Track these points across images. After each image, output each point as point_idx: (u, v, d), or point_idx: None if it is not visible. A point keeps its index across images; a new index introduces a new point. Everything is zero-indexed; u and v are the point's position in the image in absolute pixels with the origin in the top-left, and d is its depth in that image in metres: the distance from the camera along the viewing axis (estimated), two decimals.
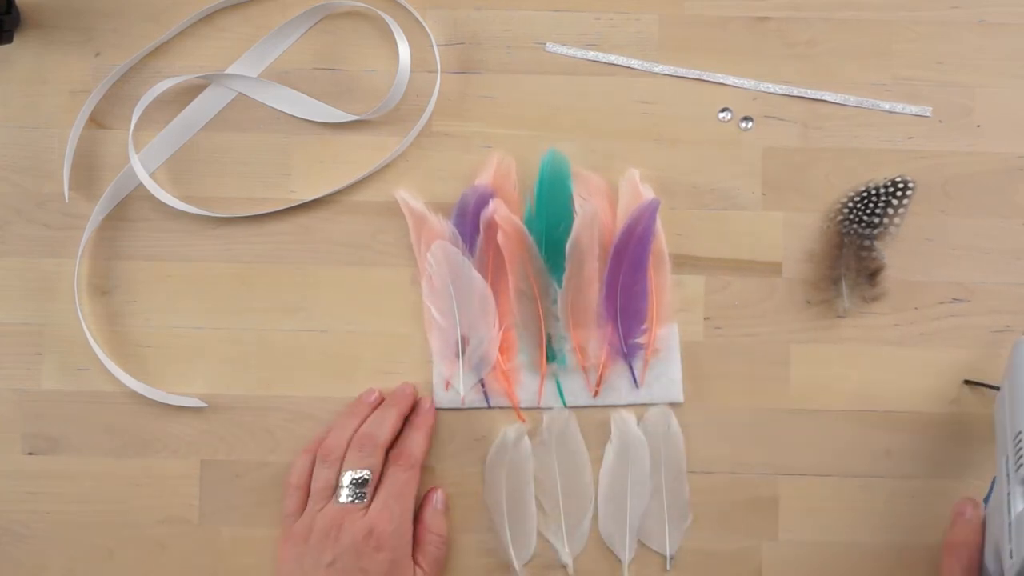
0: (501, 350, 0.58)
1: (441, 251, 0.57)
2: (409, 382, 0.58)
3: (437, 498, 0.56)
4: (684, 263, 0.58)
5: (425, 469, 0.57)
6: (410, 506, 0.55)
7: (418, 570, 0.54)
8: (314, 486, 0.55)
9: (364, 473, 0.54)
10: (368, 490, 0.54)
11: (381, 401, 0.57)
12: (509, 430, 0.57)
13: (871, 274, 0.58)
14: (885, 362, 0.58)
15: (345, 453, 0.55)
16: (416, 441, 0.56)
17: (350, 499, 0.54)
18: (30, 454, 0.58)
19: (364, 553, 0.52)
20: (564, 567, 0.57)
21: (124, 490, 0.58)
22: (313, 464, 0.56)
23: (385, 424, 0.55)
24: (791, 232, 0.59)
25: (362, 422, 0.56)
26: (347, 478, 0.54)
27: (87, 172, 0.59)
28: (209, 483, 0.58)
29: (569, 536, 0.57)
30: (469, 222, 0.58)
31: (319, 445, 0.56)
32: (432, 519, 0.56)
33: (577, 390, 0.58)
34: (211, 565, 0.58)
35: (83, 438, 0.58)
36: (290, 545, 0.54)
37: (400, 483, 0.54)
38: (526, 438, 0.57)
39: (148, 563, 0.58)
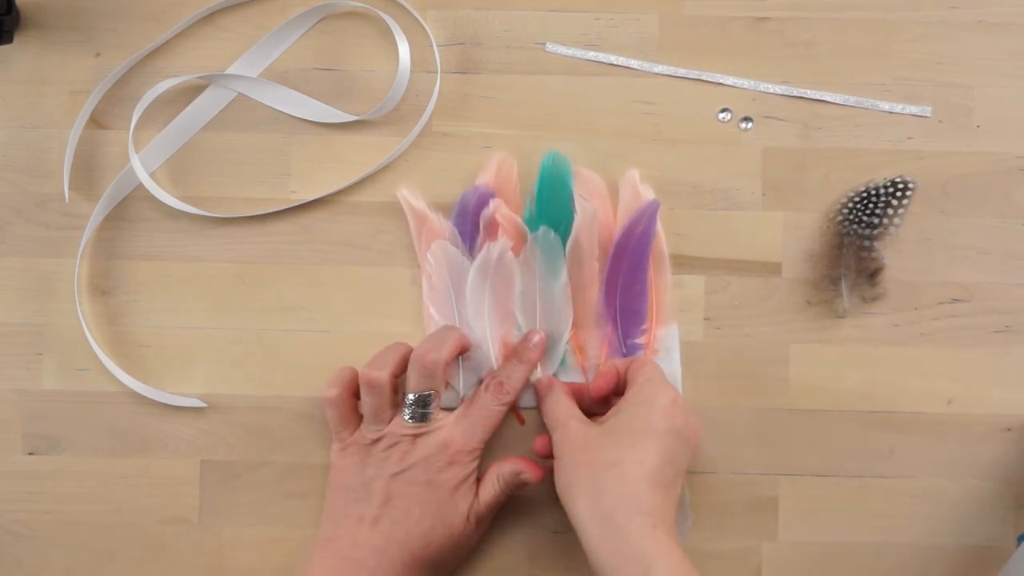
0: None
1: (441, 251, 0.57)
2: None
3: (514, 470, 0.54)
4: (684, 263, 0.58)
5: None
6: (488, 436, 0.55)
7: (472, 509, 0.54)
8: (366, 411, 0.54)
9: (428, 393, 0.54)
10: (432, 410, 0.54)
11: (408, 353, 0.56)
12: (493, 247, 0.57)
13: (871, 274, 0.58)
14: (885, 362, 0.58)
15: (391, 379, 0.54)
16: (517, 372, 0.56)
17: (412, 419, 0.54)
18: (30, 454, 0.58)
19: (434, 465, 0.53)
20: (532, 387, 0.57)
21: (124, 490, 0.58)
22: (354, 379, 0.55)
23: (444, 346, 0.54)
24: (791, 232, 0.59)
25: (403, 353, 0.55)
26: (411, 398, 0.54)
27: (87, 172, 0.59)
28: (209, 483, 0.58)
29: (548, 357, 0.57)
30: (469, 222, 0.58)
31: (348, 372, 0.55)
32: (490, 482, 0.54)
33: None
34: (211, 565, 0.58)
35: (83, 438, 0.58)
36: (349, 455, 0.54)
37: (488, 411, 0.55)
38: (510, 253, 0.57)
39: (148, 563, 0.58)
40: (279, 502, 0.58)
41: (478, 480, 0.55)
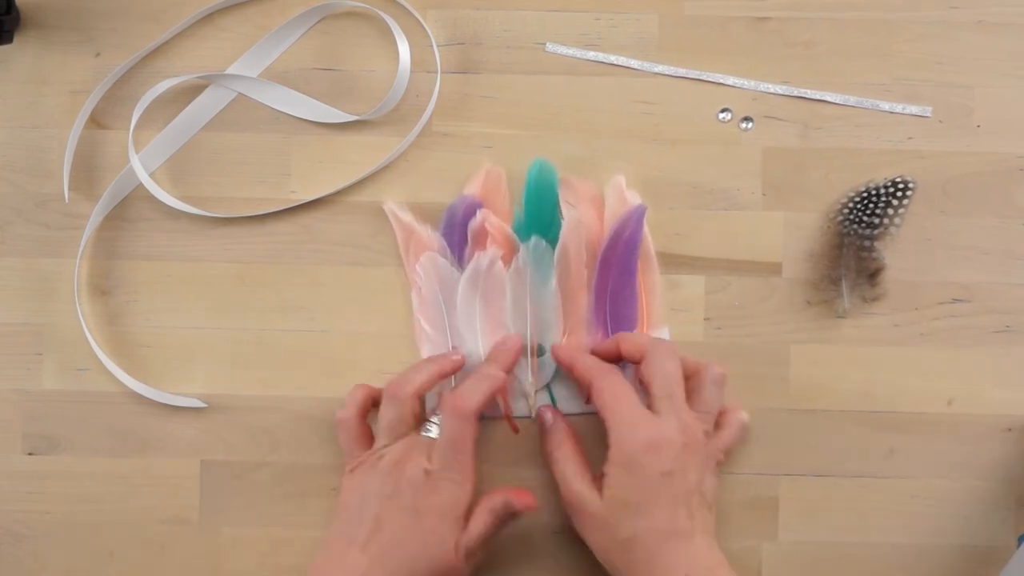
0: None
1: (430, 263, 0.57)
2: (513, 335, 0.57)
3: (505, 500, 0.53)
4: (684, 263, 0.58)
5: None
6: (463, 458, 0.52)
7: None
8: (380, 423, 0.54)
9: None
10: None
11: (462, 362, 0.56)
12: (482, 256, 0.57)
13: (871, 274, 0.58)
14: (885, 362, 0.58)
15: (414, 396, 0.53)
16: (468, 386, 0.53)
17: (430, 435, 0.54)
18: (30, 454, 0.58)
19: (420, 491, 0.52)
20: (525, 397, 0.57)
21: (124, 490, 0.58)
22: (367, 400, 0.55)
23: (416, 377, 0.54)
24: (791, 232, 0.59)
25: (441, 370, 0.55)
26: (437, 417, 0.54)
27: (87, 172, 0.59)
28: (209, 483, 0.58)
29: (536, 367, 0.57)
30: (457, 232, 0.58)
31: (361, 393, 0.55)
32: (480, 514, 0.53)
33: (569, 397, 0.57)
34: (211, 565, 0.58)
35: (83, 438, 0.58)
36: (355, 476, 0.53)
37: (449, 431, 0.52)
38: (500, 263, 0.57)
39: (148, 563, 0.58)
40: (279, 502, 0.58)
41: (470, 511, 0.53)
